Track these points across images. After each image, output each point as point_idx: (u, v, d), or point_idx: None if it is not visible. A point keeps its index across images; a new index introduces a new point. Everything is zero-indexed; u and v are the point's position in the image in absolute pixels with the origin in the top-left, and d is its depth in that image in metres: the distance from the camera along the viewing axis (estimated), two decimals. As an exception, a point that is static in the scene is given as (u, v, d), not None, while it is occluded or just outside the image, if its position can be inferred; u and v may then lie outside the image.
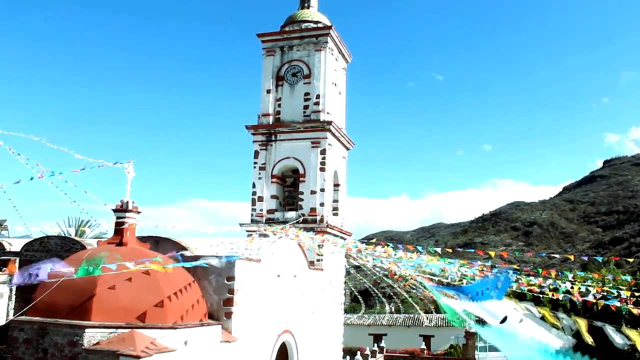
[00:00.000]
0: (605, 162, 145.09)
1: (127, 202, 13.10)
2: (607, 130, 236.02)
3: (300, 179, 20.92)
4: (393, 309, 49.88)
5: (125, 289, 10.84)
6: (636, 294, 13.99)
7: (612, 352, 25.31)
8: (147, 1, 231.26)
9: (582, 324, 12.01)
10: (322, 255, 19.55)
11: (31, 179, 11.12)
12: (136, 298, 10.83)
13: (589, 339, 11.62)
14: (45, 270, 9.84)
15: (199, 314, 12.09)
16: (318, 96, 21.34)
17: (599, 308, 14.26)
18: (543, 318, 12.22)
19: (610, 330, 11.65)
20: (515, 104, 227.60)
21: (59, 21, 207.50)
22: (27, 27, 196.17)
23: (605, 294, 14.61)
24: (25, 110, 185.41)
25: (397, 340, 38.22)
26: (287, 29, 22.67)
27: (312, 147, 20.88)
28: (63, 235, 19.33)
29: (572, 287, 14.52)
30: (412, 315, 44.51)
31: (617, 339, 11.99)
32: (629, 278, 25.46)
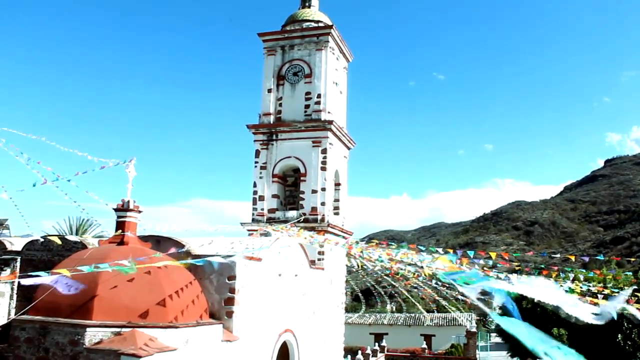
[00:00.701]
0: (607, 161, 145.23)
1: (128, 202, 13.10)
2: (608, 129, 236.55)
3: (301, 178, 20.91)
4: (394, 308, 49.92)
5: (127, 288, 10.84)
6: (637, 293, 13.96)
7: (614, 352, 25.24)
8: (149, 1, 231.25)
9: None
10: (323, 254, 19.56)
11: (34, 185, 11.15)
12: (137, 297, 10.83)
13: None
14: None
15: (199, 309, 12.10)
16: (319, 95, 21.32)
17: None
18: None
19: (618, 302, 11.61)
20: (516, 104, 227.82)
21: (60, 20, 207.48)
22: (27, 26, 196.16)
23: (606, 293, 14.59)
24: (25, 109, 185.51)
25: (398, 339, 38.29)
26: (288, 28, 22.66)
27: (313, 146, 20.87)
28: (64, 234, 19.35)
29: (573, 283, 14.50)
30: (413, 315, 44.60)
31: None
32: (629, 273, 25.42)
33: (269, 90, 21.91)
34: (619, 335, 25.62)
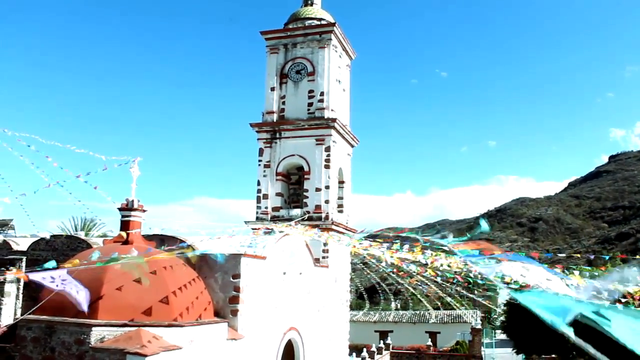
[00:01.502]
0: (611, 157, 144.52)
1: (133, 201, 13.13)
2: (612, 125, 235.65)
3: (305, 176, 20.90)
4: (399, 305, 49.88)
5: (132, 287, 10.87)
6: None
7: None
8: (151, 0, 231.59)
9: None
10: (327, 252, 19.56)
11: (35, 192, 11.25)
12: (142, 295, 10.86)
13: None
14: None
15: (202, 306, 12.12)
16: (322, 93, 21.30)
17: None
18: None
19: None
20: (519, 100, 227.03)
21: (61, 19, 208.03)
22: (27, 24, 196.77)
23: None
24: (26, 108, 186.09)
25: (403, 337, 38.23)
26: (290, 26, 22.62)
27: (317, 144, 20.85)
28: (69, 234, 19.42)
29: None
30: (418, 312, 44.57)
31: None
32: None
33: (272, 89, 21.89)
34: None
